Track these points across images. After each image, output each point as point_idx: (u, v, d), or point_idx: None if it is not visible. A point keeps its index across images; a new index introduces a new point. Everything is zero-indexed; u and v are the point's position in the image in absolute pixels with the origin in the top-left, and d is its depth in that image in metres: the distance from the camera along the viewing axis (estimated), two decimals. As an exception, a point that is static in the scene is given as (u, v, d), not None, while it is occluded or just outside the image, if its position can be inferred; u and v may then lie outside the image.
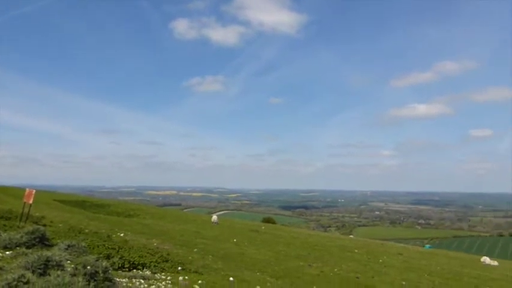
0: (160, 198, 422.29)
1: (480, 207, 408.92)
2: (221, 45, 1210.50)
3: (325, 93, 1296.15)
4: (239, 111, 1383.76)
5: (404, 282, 19.15)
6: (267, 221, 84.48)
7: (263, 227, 48.99)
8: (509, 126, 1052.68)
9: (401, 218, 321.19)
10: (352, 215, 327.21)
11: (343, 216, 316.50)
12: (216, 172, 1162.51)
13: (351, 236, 76.71)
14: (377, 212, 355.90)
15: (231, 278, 15.89)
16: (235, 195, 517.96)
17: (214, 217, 48.59)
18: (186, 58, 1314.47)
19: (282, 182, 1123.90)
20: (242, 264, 19.24)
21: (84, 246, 15.10)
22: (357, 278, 18.41)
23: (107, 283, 9.85)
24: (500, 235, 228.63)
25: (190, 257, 19.29)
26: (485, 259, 28.88)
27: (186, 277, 14.52)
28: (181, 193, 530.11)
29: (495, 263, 28.79)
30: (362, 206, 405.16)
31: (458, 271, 25.27)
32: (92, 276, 9.68)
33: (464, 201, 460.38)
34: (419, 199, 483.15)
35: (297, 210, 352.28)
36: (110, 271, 10.16)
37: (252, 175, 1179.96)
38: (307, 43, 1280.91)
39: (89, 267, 9.82)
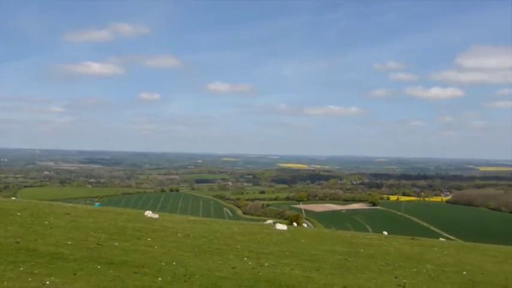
0: None
1: (147, 165, 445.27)
2: None
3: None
4: None
5: (70, 242, 18.88)
6: None
7: None
8: (172, 92, 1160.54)
9: (72, 177, 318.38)
10: (17, 176, 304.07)
11: (6, 177, 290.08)
12: None
13: (13, 198, 70.88)
14: (46, 172, 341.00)
15: None
16: None
17: None
18: None
19: None
20: None
21: None
22: (17, 242, 17.03)
23: None
24: (162, 190, 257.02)
25: None
26: (148, 213, 31.38)
27: None
28: None
29: (156, 215, 31.62)
30: (29, 166, 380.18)
31: (123, 225, 26.58)
32: None
33: (133, 160, 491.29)
34: (91, 158, 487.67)
35: None
36: None
37: None
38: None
39: None
